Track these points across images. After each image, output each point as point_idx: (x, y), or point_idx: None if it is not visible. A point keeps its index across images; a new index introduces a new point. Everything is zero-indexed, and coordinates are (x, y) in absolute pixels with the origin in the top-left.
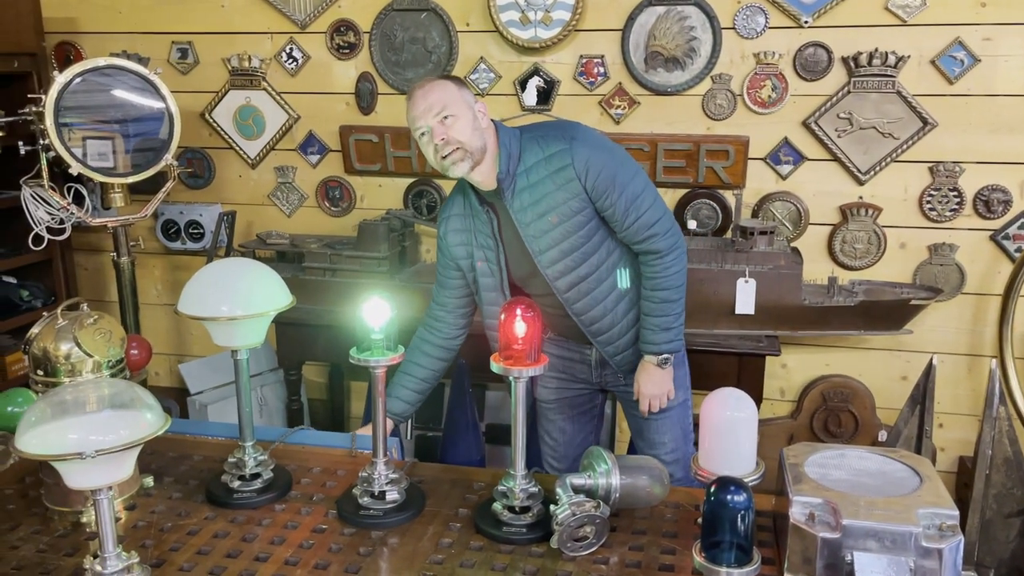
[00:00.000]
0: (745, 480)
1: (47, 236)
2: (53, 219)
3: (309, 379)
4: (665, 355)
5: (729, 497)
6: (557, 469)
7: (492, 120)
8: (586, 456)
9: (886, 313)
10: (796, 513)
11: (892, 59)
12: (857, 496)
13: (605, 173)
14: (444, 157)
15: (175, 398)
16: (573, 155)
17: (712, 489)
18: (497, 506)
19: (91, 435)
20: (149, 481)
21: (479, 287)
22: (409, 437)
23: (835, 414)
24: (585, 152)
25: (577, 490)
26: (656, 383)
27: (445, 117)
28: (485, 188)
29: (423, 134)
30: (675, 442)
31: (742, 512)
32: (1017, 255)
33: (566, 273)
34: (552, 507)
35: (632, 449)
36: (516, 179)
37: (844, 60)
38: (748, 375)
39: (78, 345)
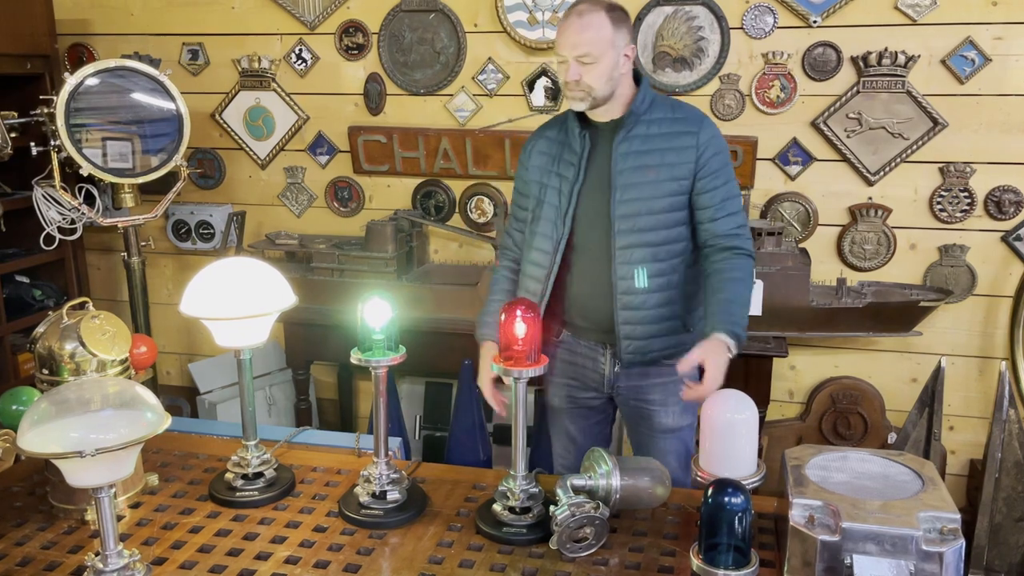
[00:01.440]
0: (745, 482)
1: (58, 236)
2: (64, 219)
3: (318, 379)
4: (740, 340)
5: (726, 499)
6: None
7: (636, 68)
8: (587, 457)
9: (895, 315)
10: (796, 515)
11: (902, 59)
12: (858, 499)
13: (720, 158)
14: (569, 90)
15: (185, 397)
16: (702, 128)
17: (709, 491)
18: (497, 507)
19: (91, 434)
20: (153, 479)
21: (540, 212)
22: (417, 437)
23: (844, 416)
24: (712, 132)
25: (577, 491)
26: (720, 366)
27: (586, 61)
28: (598, 119)
29: (562, 62)
30: (678, 461)
31: (739, 514)
32: None
33: (633, 231)
34: (552, 508)
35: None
36: (638, 123)
37: (853, 60)
38: (755, 377)
39: (82, 344)
